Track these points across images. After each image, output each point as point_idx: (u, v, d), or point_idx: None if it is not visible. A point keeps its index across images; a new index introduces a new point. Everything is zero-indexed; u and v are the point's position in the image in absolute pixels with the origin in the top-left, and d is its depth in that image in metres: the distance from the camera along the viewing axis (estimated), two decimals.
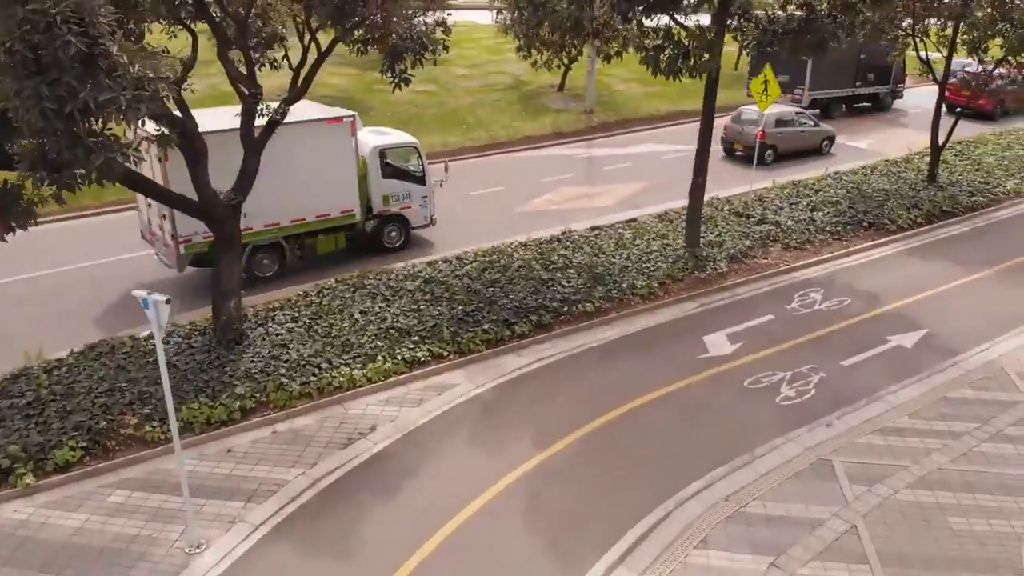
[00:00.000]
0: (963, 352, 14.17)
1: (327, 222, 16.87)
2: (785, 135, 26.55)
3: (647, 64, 14.04)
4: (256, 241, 16.02)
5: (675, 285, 16.54)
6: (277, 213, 15.99)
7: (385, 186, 17.74)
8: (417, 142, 18.81)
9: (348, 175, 16.75)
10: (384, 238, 18.25)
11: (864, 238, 19.48)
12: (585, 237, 18.80)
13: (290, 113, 12.99)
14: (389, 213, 18.03)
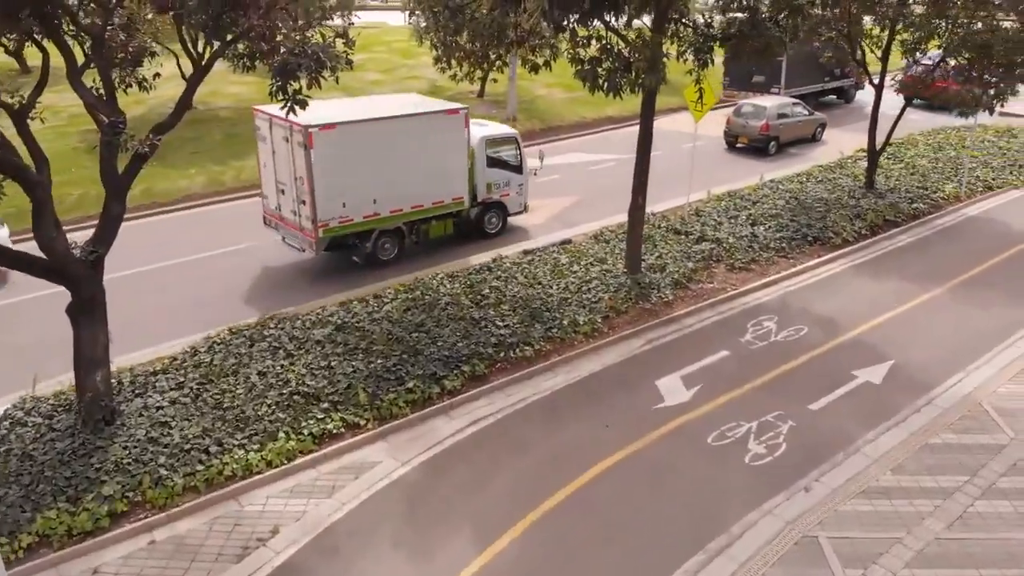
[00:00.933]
0: (935, 386, 13.00)
1: (440, 208, 17.64)
2: (785, 126, 27.72)
3: (583, 80, 12.33)
4: (382, 227, 16.81)
5: (619, 319, 14.92)
6: (400, 200, 16.80)
7: (489, 174, 18.64)
8: (517, 133, 19.48)
9: (460, 164, 17.64)
10: (485, 224, 19.04)
11: (810, 254, 18.33)
12: (518, 264, 17.01)
13: (412, 105, 15.16)
14: (491, 200, 18.89)
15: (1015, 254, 18.68)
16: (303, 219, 15.96)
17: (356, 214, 16.16)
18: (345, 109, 16.34)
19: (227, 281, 16.57)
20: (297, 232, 16.36)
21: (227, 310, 14.95)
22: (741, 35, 14.90)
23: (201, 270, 17.23)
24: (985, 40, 18.32)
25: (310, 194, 15.31)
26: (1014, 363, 13.67)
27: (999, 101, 19.23)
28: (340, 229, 16.06)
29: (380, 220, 16.67)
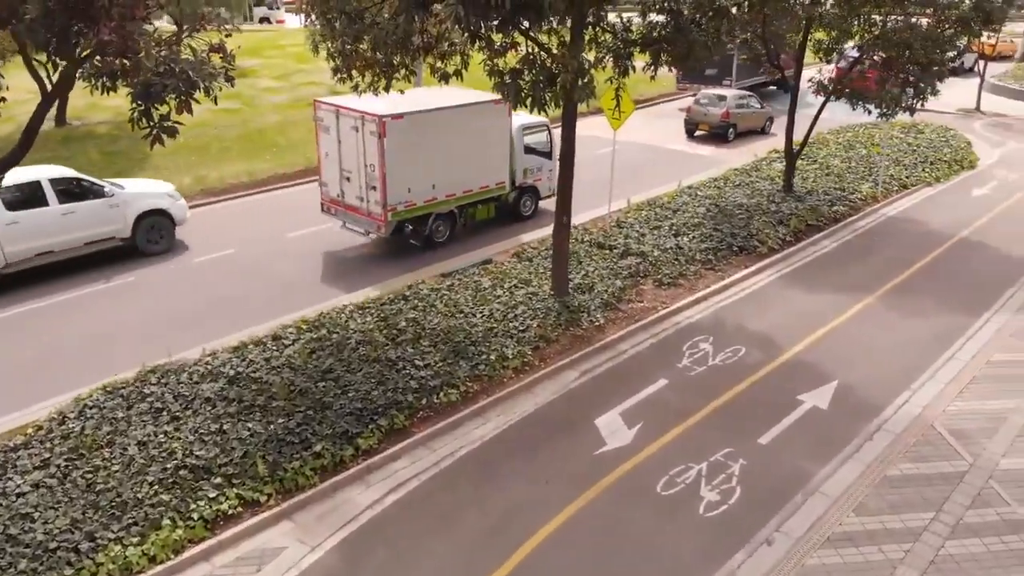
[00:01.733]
0: (884, 407, 12.34)
1: (486, 193, 18.80)
2: (742, 115, 29.40)
3: (503, 94, 11.02)
4: (437, 210, 17.88)
5: (550, 348, 13.72)
6: (454, 185, 17.93)
7: (525, 160, 19.80)
8: (548, 121, 19.32)
9: (504, 151, 18.79)
10: (521, 207, 20.18)
11: (737, 265, 17.63)
12: (436, 289, 15.59)
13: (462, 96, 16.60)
14: (526, 185, 20.07)
15: (939, 256, 18.51)
16: (372, 204, 17.06)
17: (419, 199, 17.38)
18: (406, 100, 16.46)
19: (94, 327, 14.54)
20: (363, 217, 17.47)
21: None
22: (664, 39, 13.94)
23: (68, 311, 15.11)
24: (904, 39, 18.03)
25: (381, 180, 16.52)
26: (958, 377, 13.19)
27: (919, 100, 19.03)
28: (405, 213, 17.25)
29: (437, 204, 17.86)
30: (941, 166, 25.46)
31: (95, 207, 16.92)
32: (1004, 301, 16.12)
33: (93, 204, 16.89)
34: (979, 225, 20.66)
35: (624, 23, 14.28)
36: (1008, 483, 10.50)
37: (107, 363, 12.83)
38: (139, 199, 17.69)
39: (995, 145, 29.21)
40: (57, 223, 16.31)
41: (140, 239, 17.67)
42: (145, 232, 17.70)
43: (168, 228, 18.14)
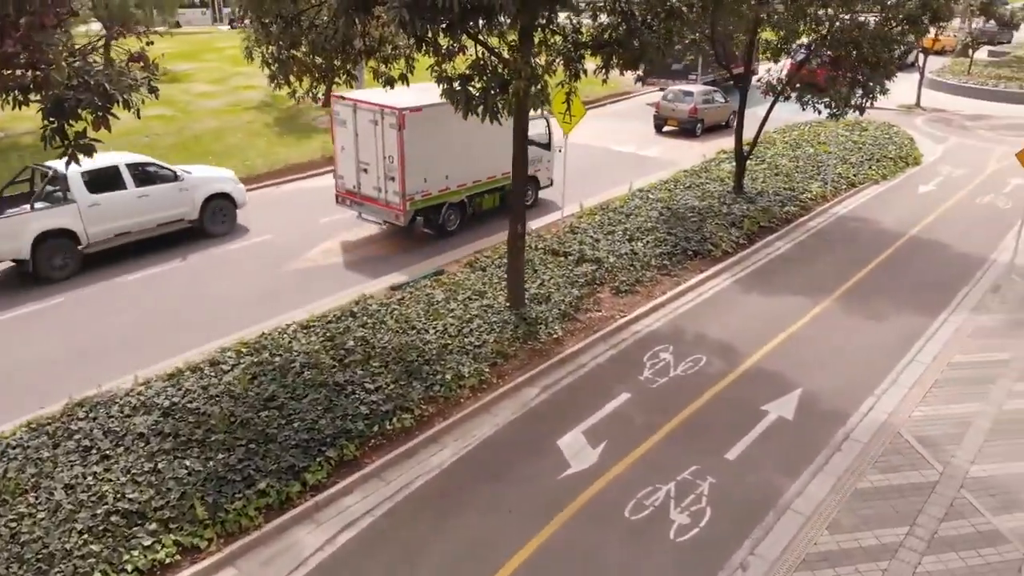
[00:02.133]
0: (850, 415, 12.10)
1: (492, 183, 19.54)
2: (708, 110, 30.13)
3: (453, 102, 10.39)
4: (450, 200, 18.63)
5: (508, 364, 13.16)
6: (464, 175, 18.75)
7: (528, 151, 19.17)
8: (548, 113, 19.44)
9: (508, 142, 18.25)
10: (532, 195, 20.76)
11: (693, 269, 17.34)
12: (386, 304, 14.90)
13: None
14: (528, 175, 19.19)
15: (892, 255, 18.51)
16: (390, 195, 17.77)
17: (434, 188, 18.10)
18: (420, 94, 16.82)
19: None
20: (381, 207, 18.21)
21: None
22: (616, 42, 13.50)
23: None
24: (853, 38, 17.96)
25: (400, 171, 17.13)
26: (921, 381, 13.05)
27: (869, 100, 19.01)
28: (422, 202, 17.98)
29: (449, 194, 18.62)
30: (887, 163, 25.68)
31: (167, 191, 18.09)
32: (960, 300, 16.13)
33: (165, 188, 18.06)
34: (928, 222, 20.79)
35: (574, 25, 13.81)
36: (979, 492, 10.30)
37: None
38: (206, 183, 18.93)
39: (937, 141, 29.67)
40: (133, 205, 17.46)
41: (207, 221, 18.94)
42: (211, 214, 18.94)
43: (231, 211, 19.40)
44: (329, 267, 17.80)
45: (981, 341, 14.34)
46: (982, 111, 35.49)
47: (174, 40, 48.70)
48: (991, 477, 10.61)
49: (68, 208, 16.45)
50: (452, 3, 8.55)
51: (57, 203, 16.51)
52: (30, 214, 16.04)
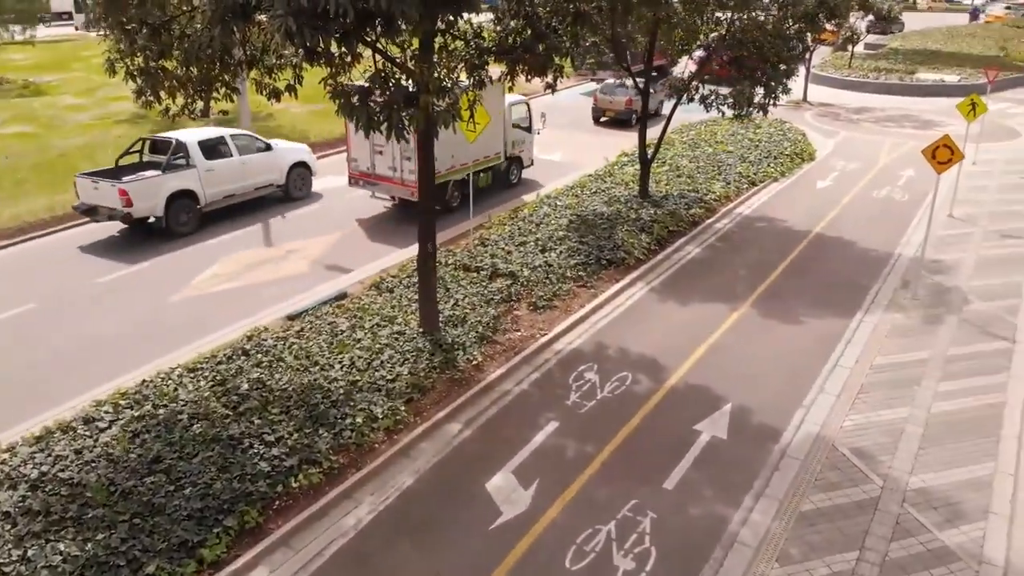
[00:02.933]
0: (783, 430, 11.70)
1: (487, 162, 21.59)
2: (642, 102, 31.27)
3: (353, 119, 9.24)
4: (454, 178, 20.54)
5: (426, 399, 12.12)
6: (467, 156, 20.44)
7: (513, 133, 22.74)
8: (527, 99, 23.61)
9: (499, 125, 21.16)
10: (510, 176, 23.24)
11: (608, 279, 16.75)
12: (283, 338, 13.58)
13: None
14: (514, 155, 23.07)
15: (800, 255, 18.48)
16: (406, 173, 19.45)
17: (443, 168, 19.12)
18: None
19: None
20: (397, 186, 19.88)
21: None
22: (522, 47, 12.67)
23: None
24: (755, 37, 17.79)
25: (414, 150, 17.25)
26: (847, 387, 12.82)
27: (772, 99, 18.94)
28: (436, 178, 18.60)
29: (454, 172, 20.45)
30: (784, 160, 25.98)
31: (262, 158, 21.09)
32: (872, 298, 16.16)
33: (260, 156, 21.06)
34: (831, 219, 20.98)
35: (475, 29, 12.91)
36: (922, 506, 10.02)
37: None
38: (290, 153, 22.07)
39: (828, 135, 30.37)
40: (238, 171, 20.35)
41: (291, 186, 21.90)
42: (294, 180, 21.85)
43: (308, 178, 22.28)
44: (218, 295, 16.26)
45: (899, 341, 14.31)
46: (865, 104, 36.79)
47: (36, 49, 44.91)
48: (931, 488, 10.36)
49: (191, 172, 19.31)
50: (346, 9, 7.46)
51: (181, 168, 19.25)
52: (164, 176, 18.85)
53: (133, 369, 13.06)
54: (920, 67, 42.74)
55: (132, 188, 18.29)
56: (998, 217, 20.96)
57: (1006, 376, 13.02)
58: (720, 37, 19.04)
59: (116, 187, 18.14)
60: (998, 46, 47.55)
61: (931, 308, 15.57)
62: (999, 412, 11.99)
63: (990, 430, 11.58)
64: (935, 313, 15.39)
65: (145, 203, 18.50)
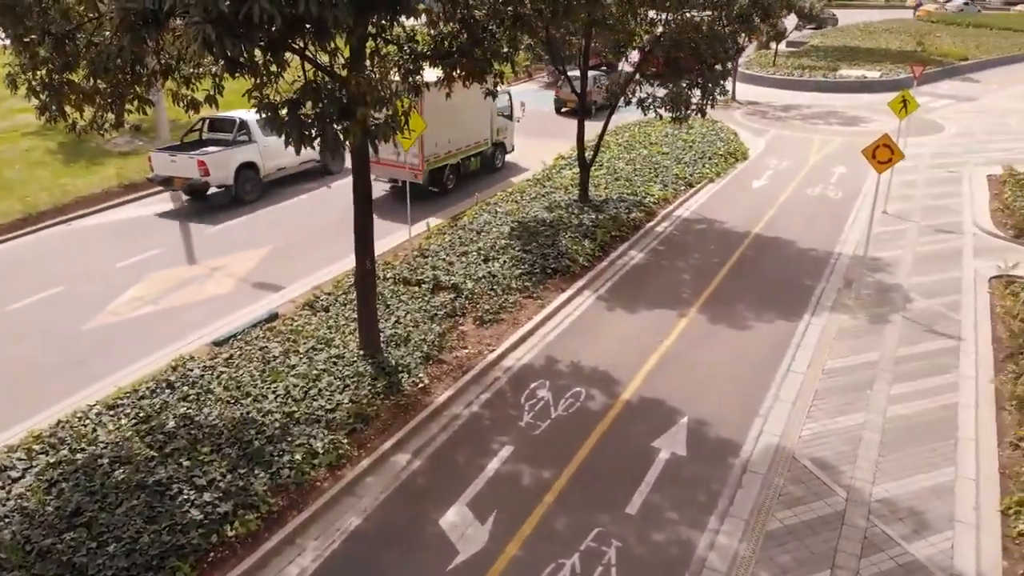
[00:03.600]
0: (742, 442, 11.39)
1: (476, 148, 23.53)
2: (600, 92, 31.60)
3: (283, 134, 8.43)
4: (450, 162, 22.47)
5: (370, 428, 11.38)
6: (460, 142, 22.66)
7: (498, 121, 24.38)
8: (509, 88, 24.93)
9: (486, 113, 23.12)
10: (495, 160, 24.98)
11: (554, 289, 16.28)
12: (210, 367, 12.64)
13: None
14: (498, 141, 24.79)
15: (742, 256, 18.36)
16: (410, 157, 20.92)
17: (441, 152, 21.90)
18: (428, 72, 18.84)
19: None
20: (401, 169, 21.29)
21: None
22: (460, 51, 12.05)
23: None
24: (691, 39, 17.55)
25: (420, 139, 19.60)
26: (801, 393, 12.62)
27: (709, 101, 18.76)
28: (434, 163, 21.69)
29: (450, 156, 22.45)
30: (718, 160, 25.99)
31: None
32: (817, 298, 16.10)
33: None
34: (769, 219, 20.99)
35: (408, 33, 12.24)
36: (888, 517, 9.82)
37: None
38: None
39: (758, 134, 30.62)
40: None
41: (325, 160, 22.79)
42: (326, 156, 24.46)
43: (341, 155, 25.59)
44: (139, 320, 15.17)
45: (848, 342, 14.23)
46: (792, 101, 37.35)
47: None
48: (895, 498, 10.18)
49: (253, 146, 21.96)
50: (272, 16, 6.71)
51: (245, 143, 21.89)
52: (233, 150, 21.47)
53: (46, 408, 11.98)
54: (841, 64, 43.73)
55: (209, 160, 20.72)
56: (930, 212, 21.32)
57: (956, 376, 13.03)
58: (655, 38, 18.75)
59: (195, 159, 20.50)
60: (915, 41, 49.06)
61: (876, 308, 15.59)
62: (953, 414, 11.94)
63: (947, 433, 11.50)
64: (880, 313, 15.40)
65: (219, 173, 20.99)
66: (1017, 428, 11.37)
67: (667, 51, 18.48)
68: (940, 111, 34.39)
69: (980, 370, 13.15)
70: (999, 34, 59.72)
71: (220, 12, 6.92)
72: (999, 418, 11.80)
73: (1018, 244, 18.67)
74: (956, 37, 56.21)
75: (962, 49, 49.64)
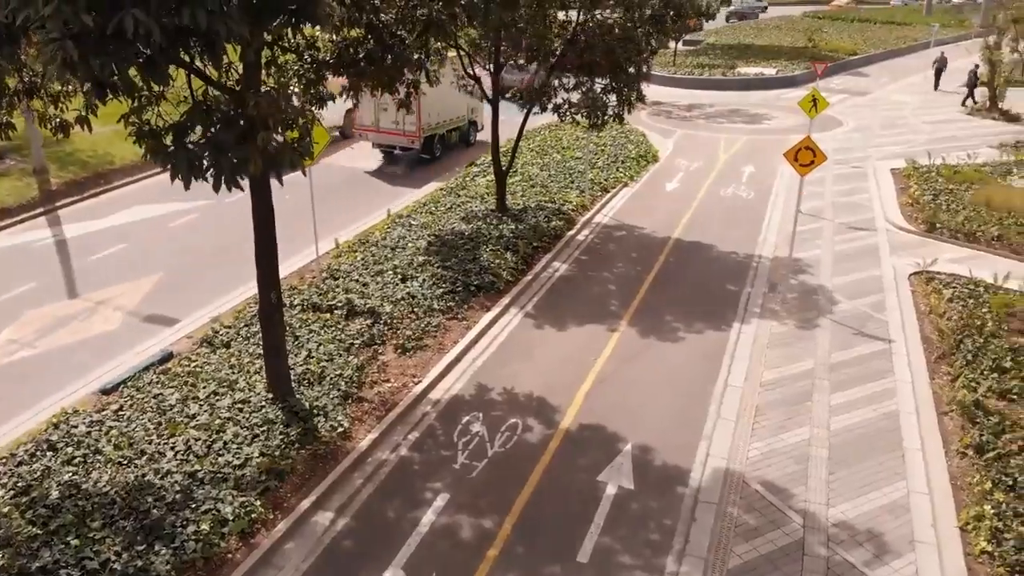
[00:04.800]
0: (690, 469, 10.79)
1: (457, 122, 27.47)
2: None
3: (163, 164, 7.12)
4: (438, 133, 26.19)
5: (286, 485, 10.16)
6: (445, 115, 26.35)
7: (472, 102, 26.71)
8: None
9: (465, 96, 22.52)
10: (470, 135, 28.50)
11: (479, 307, 15.38)
12: (99, 422, 11.14)
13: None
14: (472, 119, 28.32)
15: (665, 264, 17.92)
16: (407, 126, 24.59)
17: (432, 123, 25.39)
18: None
19: None
20: (399, 136, 24.92)
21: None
22: (368, 59, 10.99)
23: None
24: (606, 42, 16.95)
25: (418, 111, 23.84)
26: (742, 411, 12.14)
27: (626, 106, 18.23)
28: (427, 131, 25.14)
29: (438, 127, 25.87)
30: (631, 163, 25.64)
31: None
32: (744, 305, 15.79)
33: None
34: (686, 222, 20.70)
35: (308, 39, 11.08)
36: (848, 543, 9.38)
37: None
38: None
39: (666, 135, 30.52)
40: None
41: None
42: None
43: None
44: (14, 367, 13.43)
45: (781, 351, 13.91)
46: (694, 100, 37.61)
47: None
48: (851, 520, 9.77)
49: None
50: (149, 29, 5.51)
51: None
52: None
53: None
54: (738, 62, 44.49)
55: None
56: (841, 209, 21.53)
57: (892, 380, 12.86)
58: (569, 41, 18.08)
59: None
60: (805, 37, 50.53)
61: (803, 312, 15.38)
62: (896, 424, 11.70)
63: (893, 443, 11.24)
64: (808, 317, 15.20)
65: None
66: (961, 434, 11.19)
67: (580, 54, 17.84)
68: (836, 106, 35.24)
69: (915, 374, 13.03)
70: (883, 28, 62.45)
71: (84, 26, 5.66)
72: (941, 424, 11.63)
73: (930, 238, 18.96)
74: (843, 32, 58.45)
75: (851, 44, 51.49)
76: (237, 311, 14.89)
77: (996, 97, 32.94)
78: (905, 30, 61.18)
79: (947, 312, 14.51)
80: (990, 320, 13.89)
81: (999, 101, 32.95)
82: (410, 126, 24.77)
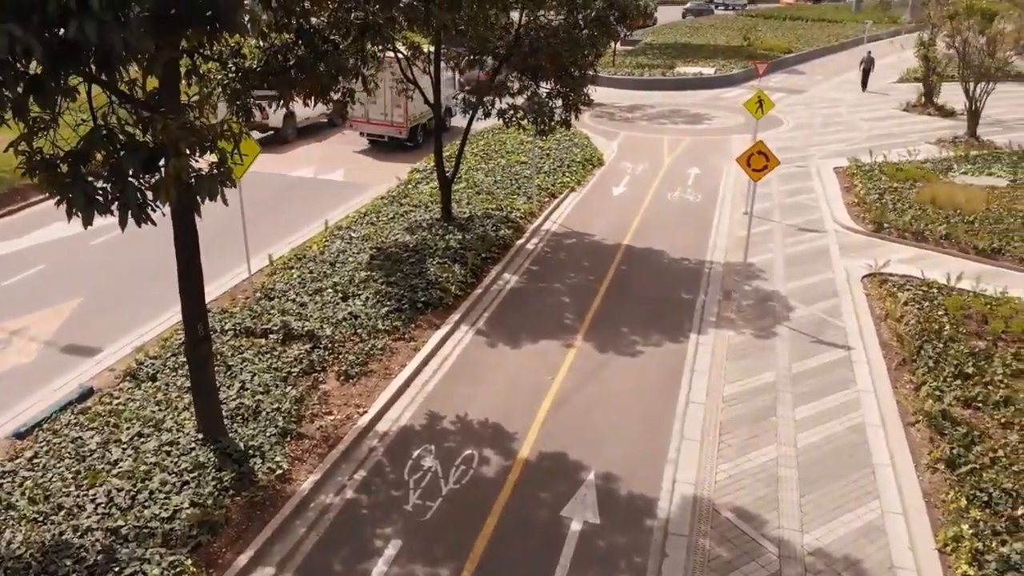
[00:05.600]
0: (657, 498, 10.21)
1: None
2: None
3: (63, 197, 6.13)
4: (421, 123, 27.97)
5: (220, 539, 9.22)
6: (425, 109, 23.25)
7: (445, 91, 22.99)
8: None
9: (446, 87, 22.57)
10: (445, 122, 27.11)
11: (427, 325, 14.59)
12: (11, 472, 10.07)
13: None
14: (448, 107, 27.36)
15: (618, 273, 17.40)
16: (395, 117, 27.31)
17: (417, 114, 27.42)
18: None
19: None
20: (387, 127, 27.63)
21: None
22: (298, 65, 10.11)
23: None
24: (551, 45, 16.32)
25: (405, 105, 26.52)
26: (706, 430, 11.62)
27: (573, 112, 17.65)
28: (413, 121, 27.65)
29: (419, 118, 27.78)
30: (577, 168, 25.14)
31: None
32: (699, 313, 15.38)
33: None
34: (636, 228, 20.26)
35: (233, 47, 10.16)
36: (826, 573, 8.92)
37: None
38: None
39: (609, 137, 30.15)
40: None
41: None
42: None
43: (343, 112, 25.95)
44: None
45: (740, 363, 13.49)
46: (635, 101, 37.36)
47: None
48: (827, 547, 9.33)
49: None
50: (29, 47, 4.60)
51: None
52: None
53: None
54: (677, 61, 44.51)
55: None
56: (789, 210, 21.37)
57: (855, 391, 12.54)
58: (513, 43, 17.40)
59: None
60: (741, 36, 50.93)
61: (759, 319, 15.03)
62: (863, 437, 11.36)
63: (862, 460, 10.87)
64: (764, 325, 14.84)
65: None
66: (930, 447, 10.89)
67: (525, 58, 17.19)
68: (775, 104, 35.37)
69: (877, 382, 12.75)
70: (814, 25, 63.54)
71: None
72: (909, 436, 11.32)
73: (878, 238, 18.88)
74: (777, 31, 59.23)
75: (785, 42, 52.11)
76: (164, 339, 13.79)
77: (931, 93, 33.48)
78: (836, 28, 62.35)
79: (904, 316, 14.31)
80: (947, 324, 13.71)
81: (934, 96, 33.50)
82: (398, 118, 27.32)
